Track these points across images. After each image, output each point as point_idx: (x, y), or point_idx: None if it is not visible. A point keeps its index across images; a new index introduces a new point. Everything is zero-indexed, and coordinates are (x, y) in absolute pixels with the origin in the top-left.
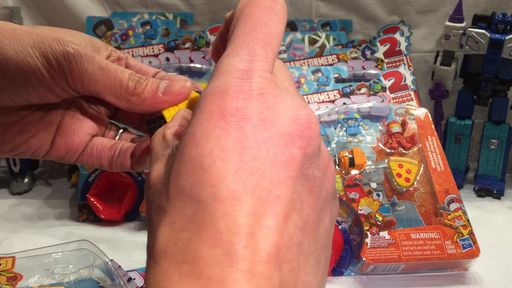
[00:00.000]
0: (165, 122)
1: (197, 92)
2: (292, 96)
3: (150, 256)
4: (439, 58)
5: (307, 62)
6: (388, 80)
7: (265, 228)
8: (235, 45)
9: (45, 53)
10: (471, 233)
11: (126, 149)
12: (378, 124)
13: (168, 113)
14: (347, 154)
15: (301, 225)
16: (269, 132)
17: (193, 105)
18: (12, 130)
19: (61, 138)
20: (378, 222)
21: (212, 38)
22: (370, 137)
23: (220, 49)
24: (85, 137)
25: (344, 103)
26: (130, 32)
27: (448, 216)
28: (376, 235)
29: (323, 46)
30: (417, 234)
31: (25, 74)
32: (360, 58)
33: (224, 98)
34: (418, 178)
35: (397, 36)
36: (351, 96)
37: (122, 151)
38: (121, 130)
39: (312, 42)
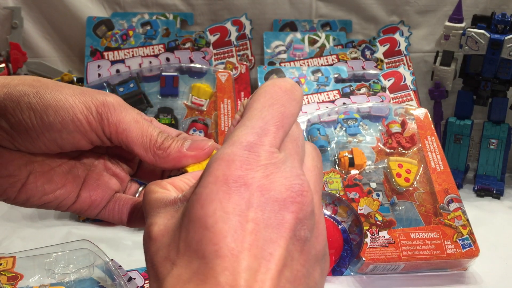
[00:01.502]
0: None
1: None
2: (292, 164)
3: None
4: (439, 58)
5: (307, 62)
6: (388, 80)
7: (260, 282)
8: (251, 116)
9: (85, 101)
10: (470, 233)
11: None
12: (378, 124)
13: (192, 169)
14: (347, 154)
15: (291, 279)
16: (264, 198)
17: None
18: (43, 179)
19: (86, 192)
20: (378, 222)
21: (212, 38)
22: (370, 137)
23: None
24: (108, 192)
25: (344, 103)
26: (131, 32)
27: (448, 216)
28: (376, 235)
29: (323, 46)
30: (417, 234)
31: (63, 120)
32: (360, 58)
33: (230, 166)
34: (417, 178)
35: (396, 36)
36: (351, 96)
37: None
38: (141, 188)
39: (312, 42)
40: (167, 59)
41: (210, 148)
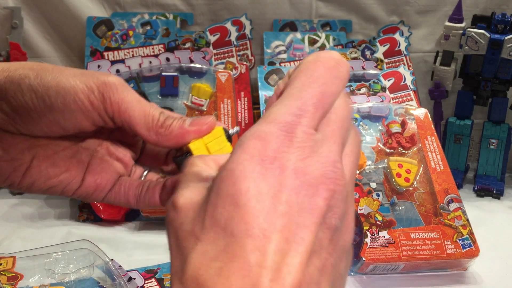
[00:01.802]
0: (191, 155)
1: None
2: (330, 148)
3: (178, 280)
4: (439, 58)
5: None
6: (388, 80)
7: (290, 265)
8: (290, 95)
9: (86, 81)
10: (470, 233)
11: (154, 186)
12: (377, 124)
13: (193, 146)
14: None
15: (319, 267)
16: (299, 181)
17: (216, 138)
18: (47, 163)
19: (90, 176)
20: (377, 222)
21: (212, 38)
22: (370, 137)
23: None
24: (113, 175)
25: None
26: (131, 32)
27: (448, 216)
28: (375, 235)
29: (323, 46)
30: (417, 234)
31: (64, 100)
32: (360, 58)
33: (266, 145)
34: (417, 178)
35: (396, 36)
36: (351, 96)
37: (150, 188)
38: (145, 171)
39: (312, 42)
40: (167, 59)
41: (211, 123)
